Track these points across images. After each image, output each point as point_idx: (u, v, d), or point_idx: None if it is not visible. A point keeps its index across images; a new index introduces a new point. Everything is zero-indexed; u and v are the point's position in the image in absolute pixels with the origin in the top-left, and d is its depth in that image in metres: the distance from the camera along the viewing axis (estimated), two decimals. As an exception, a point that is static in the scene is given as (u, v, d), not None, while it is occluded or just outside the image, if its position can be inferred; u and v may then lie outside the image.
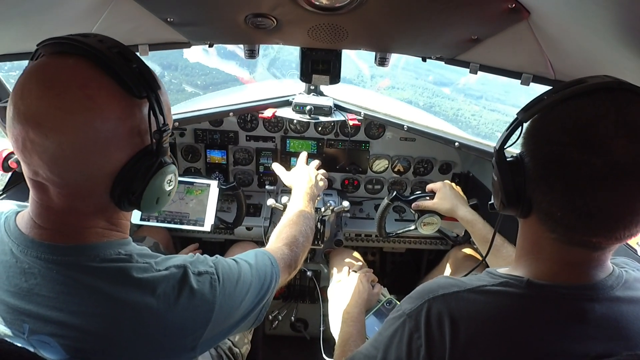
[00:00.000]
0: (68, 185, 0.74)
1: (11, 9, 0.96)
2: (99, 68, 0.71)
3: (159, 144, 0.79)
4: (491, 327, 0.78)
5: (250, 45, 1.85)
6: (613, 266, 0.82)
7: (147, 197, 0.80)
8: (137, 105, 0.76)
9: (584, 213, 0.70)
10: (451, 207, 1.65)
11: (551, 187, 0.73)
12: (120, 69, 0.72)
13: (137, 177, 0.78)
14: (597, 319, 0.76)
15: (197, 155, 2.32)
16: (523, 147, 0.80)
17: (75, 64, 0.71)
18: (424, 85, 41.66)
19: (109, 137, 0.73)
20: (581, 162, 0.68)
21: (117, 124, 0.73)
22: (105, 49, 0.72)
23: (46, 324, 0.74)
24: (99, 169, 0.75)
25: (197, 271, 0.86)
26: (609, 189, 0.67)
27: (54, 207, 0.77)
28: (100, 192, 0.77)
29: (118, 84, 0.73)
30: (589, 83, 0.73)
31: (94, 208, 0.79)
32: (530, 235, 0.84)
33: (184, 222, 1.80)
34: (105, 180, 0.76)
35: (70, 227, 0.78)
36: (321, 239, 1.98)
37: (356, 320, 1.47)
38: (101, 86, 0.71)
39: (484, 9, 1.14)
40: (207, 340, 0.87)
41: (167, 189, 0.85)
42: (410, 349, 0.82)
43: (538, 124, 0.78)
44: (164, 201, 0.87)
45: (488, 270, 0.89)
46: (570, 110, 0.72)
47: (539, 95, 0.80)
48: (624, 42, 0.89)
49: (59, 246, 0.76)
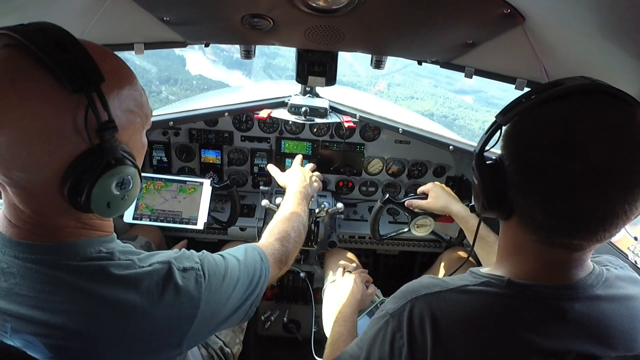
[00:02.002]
0: (18, 185, 0.71)
1: (6, 4, 0.95)
2: (33, 60, 0.65)
3: (103, 143, 0.71)
4: (472, 327, 0.78)
5: (246, 46, 1.84)
6: (594, 265, 0.83)
7: (96, 201, 0.73)
8: (76, 101, 0.68)
9: (564, 217, 0.71)
10: (445, 204, 1.66)
11: (531, 191, 0.74)
12: (51, 60, 0.65)
13: (82, 179, 0.71)
14: (577, 317, 0.77)
15: (191, 155, 2.31)
16: (503, 150, 0.80)
17: (10, 57, 0.66)
18: (444, 94, 40.60)
19: (44, 135, 0.67)
20: (560, 167, 0.68)
21: (52, 121, 0.67)
22: (41, 39, 0.66)
23: (28, 324, 0.73)
24: (40, 169, 0.69)
25: (182, 267, 0.85)
26: (588, 192, 0.67)
27: (19, 207, 0.74)
28: (51, 193, 0.72)
29: (54, 78, 0.66)
30: (566, 85, 0.72)
31: (54, 209, 0.75)
32: (512, 236, 0.84)
33: (176, 221, 1.79)
34: (52, 181, 0.71)
35: (41, 227, 0.76)
36: (315, 240, 1.98)
37: (348, 320, 1.47)
38: (32, 80, 0.65)
39: (479, 14, 1.15)
40: (193, 336, 0.86)
41: (116, 193, 0.76)
42: (393, 349, 0.83)
43: (516, 128, 0.77)
44: (117, 206, 0.78)
45: (471, 270, 0.90)
46: (548, 114, 0.72)
47: (516, 98, 0.79)
48: (618, 46, 0.90)
49: (36, 245, 0.75)
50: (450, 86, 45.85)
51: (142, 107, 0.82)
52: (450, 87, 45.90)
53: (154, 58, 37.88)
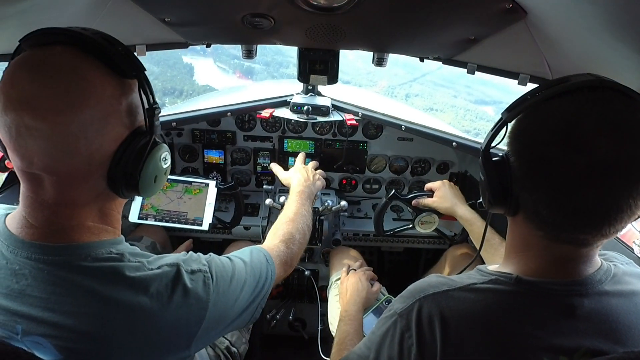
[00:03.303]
0: (64, 171, 0.74)
1: (8, 8, 0.96)
2: (86, 53, 0.73)
3: (151, 122, 0.81)
4: (481, 325, 0.78)
5: (247, 46, 1.85)
6: (602, 261, 0.83)
7: (145, 176, 0.82)
8: (127, 85, 0.78)
9: (570, 211, 0.71)
10: (450, 206, 1.66)
11: (537, 186, 0.74)
12: (108, 51, 0.74)
13: (133, 157, 0.79)
14: (586, 313, 0.77)
15: (194, 155, 2.32)
16: (508, 146, 0.80)
17: (63, 51, 0.72)
18: (464, 105, 39.63)
19: (104, 116, 0.74)
20: (565, 161, 0.68)
21: (112, 103, 0.75)
22: (89, 35, 0.74)
23: (39, 325, 0.73)
24: (96, 150, 0.75)
25: (190, 269, 0.86)
26: (594, 187, 0.68)
27: (47, 201, 0.76)
28: (97, 177, 0.78)
29: (107, 66, 0.75)
30: (571, 82, 0.73)
31: (88, 197, 0.80)
32: (519, 233, 0.85)
33: (182, 222, 1.80)
34: (102, 162, 0.77)
35: (61, 224, 0.77)
36: (319, 238, 1.99)
37: (354, 319, 1.48)
38: (92, 67, 0.73)
39: (481, 10, 1.14)
40: (201, 338, 0.87)
41: (163, 166, 0.87)
42: (402, 349, 0.83)
43: (522, 124, 0.78)
44: (161, 180, 0.89)
45: (478, 268, 0.90)
46: (554, 110, 0.72)
47: (523, 95, 0.80)
48: (621, 41, 0.90)
49: (49, 246, 0.76)
50: (470, 96, 44.85)
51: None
52: (470, 97, 44.91)
53: (162, 67, 37.46)
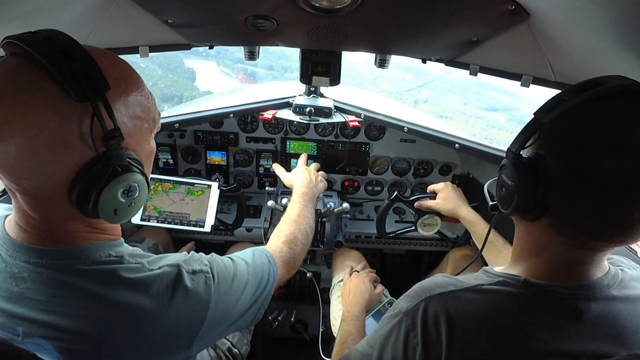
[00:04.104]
0: (28, 193, 0.72)
1: (10, 10, 0.96)
2: (39, 70, 0.66)
3: (109, 151, 0.72)
4: (488, 326, 0.78)
5: (250, 47, 1.85)
6: (609, 265, 0.82)
7: (103, 208, 0.74)
8: (81, 110, 0.69)
9: (615, 222, 0.68)
10: (453, 208, 1.66)
11: (580, 194, 0.70)
12: (57, 70, 0.66)
13: (89, 187, 0.72)
14: (593, 318, 0.76)
15: (197, 156, 2.32)
16: (543, 149, 0.75)
17: (17, 66, 0.67)
18: (475, 112, 38.54)
19: (51, 144, 0.67)
20: (617, 171, 0.65)
21: (59, 131, 0.67)
22: (47, 48, 0.67)
23: (39, 327, 0.74)
24: (48, 177, 0.70)
25: (192, 270, 0.85)
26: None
27: (29, 213, 0.76)
28: (60, 200, 0.73)
29: (59, 88, 0.66)
30: (610, 85, 0.70)
31: (63, 215, 0.76)
32: (534, 237, 0.82)
33: (184, 223, 1.80)
34: (60, 189, 0.72)
35: (51, 232, 0.77)
36: (321, 240, 1.99)
37: (356, 319, 1.48)
38: (38, 90, 0.66)
39: (483, 11, 1.14)
40: (203, 339, 0.86)
41: (122, 200, 0.76)
42: (407, 348, 0.82)
43: (561, 127, 0.73)
44: (125, 213, 0.79)
45: (485, 269, 0.89)
46: (598, 114, 0.69)
47: (557, 95, 0.76)
48: (624, 43, 0.89)
49: (47, 250, 0.76)
50: (480, 103, 43.52)
51: (149, 112, 0.82)
52: (481, 104, 43.59)
53: (163, 71, 36.76)
